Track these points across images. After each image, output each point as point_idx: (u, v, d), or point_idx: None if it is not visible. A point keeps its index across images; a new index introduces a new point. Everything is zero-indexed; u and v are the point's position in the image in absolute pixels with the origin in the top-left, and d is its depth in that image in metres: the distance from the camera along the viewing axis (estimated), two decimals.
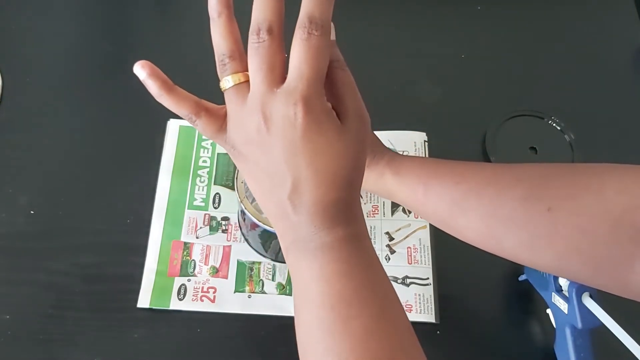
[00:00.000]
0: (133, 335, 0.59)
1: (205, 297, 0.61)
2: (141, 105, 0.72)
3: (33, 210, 0.65)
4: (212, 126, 0.38)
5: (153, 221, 0.65)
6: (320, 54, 0.34)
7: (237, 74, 0.36)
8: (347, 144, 0.35)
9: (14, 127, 0.70)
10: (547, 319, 0.59)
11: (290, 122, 0.34)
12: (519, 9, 0.84)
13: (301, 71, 0.34)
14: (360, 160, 0.37)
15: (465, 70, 0.78)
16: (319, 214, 0.35)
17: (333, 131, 0.35)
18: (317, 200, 0.35)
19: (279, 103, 0.34)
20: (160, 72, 0.37)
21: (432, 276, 0.64)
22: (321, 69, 0.35)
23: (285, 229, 0.37)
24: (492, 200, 0.45)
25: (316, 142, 0.35)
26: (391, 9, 0.82)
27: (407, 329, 0.37)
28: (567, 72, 0.79)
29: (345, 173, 0.36)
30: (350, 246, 0.36)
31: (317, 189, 0.35)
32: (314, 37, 0.33)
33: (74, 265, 0.62)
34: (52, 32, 0.78)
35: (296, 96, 0.34)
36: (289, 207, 0.36)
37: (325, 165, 0.35)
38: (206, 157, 0.69)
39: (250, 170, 0.38)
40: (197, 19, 0.84)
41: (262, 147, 0.35)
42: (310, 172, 0.35)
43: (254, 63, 0.35)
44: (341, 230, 0.36)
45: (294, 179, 0.35)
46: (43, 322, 0.59)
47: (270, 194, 0.37)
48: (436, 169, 0.50)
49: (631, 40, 0.82)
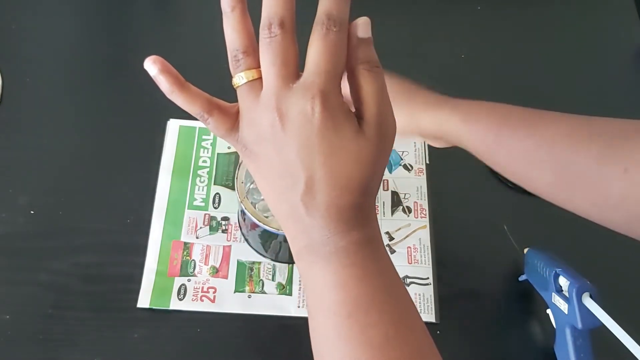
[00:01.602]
0: (133, 336, 0.59)
1: (205, 297, 0.61)
2: (141, 105, 0.73)
3: (33, 210, 0.65)
4: (225, 125, 0.36)
5: (153, 221, 0.65)
6: (338, 49, 0.33)
7: (250, 70, 0.35)
8: (361, 149, 0.34)
9: (14, 127, 0.70)
10: (547, 319, 0.59)
11: (307, 117, 0.33)
12: (519, 9, 0.84)
13: (319, 66, 0.33)
14: (377, 167, 0.36)
15: (465, 70, 0.78)
16: (333, 217, 0.34)
17: (349, 133, 0.34)
18: (331, 203, 0.34)
19: (296, 98, 0.33)
20: (172, 68, 0.36)
21: (432, 276, 0.64)
22: (339, 65, 0.34)
23: (297, 232, 0.36)
24: (566, 156, 0.44)
25: (331, 141, 0.33)
26: (391, 9, 0.82)
27: (424, 333, 0.36)
28: (567, 72, 0.79)
29: (360, 178, 0.34)
30: (366, 251, 0.35)
31: (331, 191, 0.34)
32: (332, 33, 0.33)
33: (74, 265, 0.62)
34: (52, 32, 0.78)
35: (314, 90, 0.33)
36: (302, 208, 0.34)
37: (340, 166, 0.34)
38: (206, 157, 0.69)
39: (262, 170, 0.36)
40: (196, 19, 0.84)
41: (276, 145, 0.34)
42: (325, 172, 0.34)
43: (267, 58, 0.34)
44: (356, 234, 0.35)
45: (308, 178, 0.34)
46: (43, 322, 0.59)
47: (283, 194, 0.35)
48: (508, 117, 0.49)
49: (631, 40, 0.82)
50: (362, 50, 0.35)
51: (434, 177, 0.70)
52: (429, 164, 0.71)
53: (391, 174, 0.70)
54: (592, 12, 0.84)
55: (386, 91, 0.36)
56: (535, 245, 0.62)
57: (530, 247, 0.62)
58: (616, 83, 0.79)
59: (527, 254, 0.62)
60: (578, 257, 0.58)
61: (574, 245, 0.65)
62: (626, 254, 0.66)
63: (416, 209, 0.68)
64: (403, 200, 0.69)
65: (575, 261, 0.57)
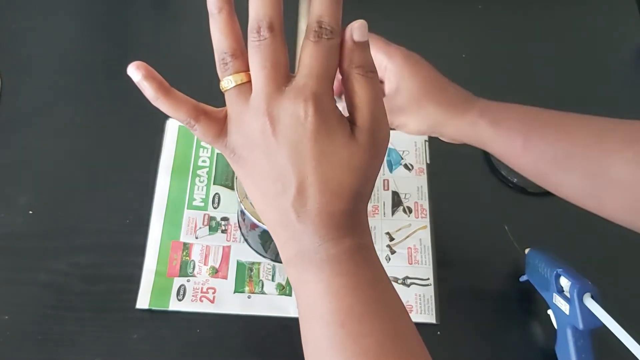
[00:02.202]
0: (132, 336, 0.59)
1: (205, 297, 0.61)
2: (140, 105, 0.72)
3: (32, 210, 0.65)
4: (212, 131, 0.36)
5: (152, 221, 0.65)
6: (330, 54, 0.33)
7: (239, 73, 0.34)
8: (353, 155, 0.33)
9: (14, 127, 0.70)
10: (548, 320, 0.59)
11: (299, 120, 0.32)
12: (519, 9, 0.84)
13: (311, 69, 0.32)
14: (368, 174, 0.35)
15: (465, 70, 0.78)
16: (324, 223, 0.34)
17: (342, 138, 0.33)
18: (322, 209, 0.33)
19: (287, 101, 0.33)
20: (156, 74, 0.35)
21: (433, 276, 0.64)
22: (332, 68, 0.33)
23: (287, 239, 0.35)
24: (598, 161, 0.44)
25: (323, 145, 0.33)
26: (391, 9, 0.82)
27: (419, 342, 0.35)
28: (568, 72, 0.79)
29: (351, 184, 0.34)
30: (358, 258, 0.35)
31: (322, 196, 0.33)
32: (324, 39, 0.33)
33: (73, 266, 0.62)
34: (51, 32, 0.77)
35: (306, 93, 0.32)
36: (293, 214, 0.34)
37: (331, 172, 0.33)
38: (205, 157, 0.69)
39: (251, 175, 0.36)
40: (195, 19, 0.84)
41: (267, 150, 0.34)
42: (316, 177, 0.33)
43: (256, 62, 0.33)
44: (348, 241, 0.34)
45: (299, 183, 0.33)
46: (42, 323, 0.59)
47: (273, 200, 0.35)
48: (537, 120, 0.49)
49: (631, 40, 0.82)
50: (358, 54, 0.34)
51: (434, 177, 0.70)
52: (429, 163, 0.71)
53: (392, 174, 0.70)
54: (592, 12, 0.84)
55: (380, 97, 0.35)
56: (536, 245, 0.62)
57: (531, 247, 0.62)
58: (616, 83, 0.78)
59: (528, 254, 0.62)
60: (579, 257, 0.58)
61: (575, 245, 0.65)
62: (627, 254, 0.66)
63: (417, 209, 0.68)
64: (404, 201, 0.69)
65: (576, 261, 0.57)
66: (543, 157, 0.47)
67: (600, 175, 0.44)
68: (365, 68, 0.34)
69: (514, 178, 0.69)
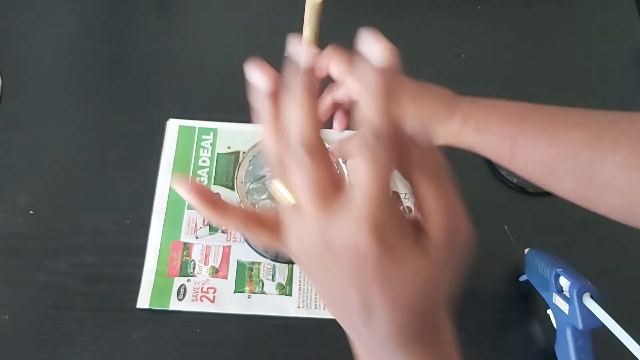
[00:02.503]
0: (133, 336, 0.59)
1: (205, 297, 0.61)
2: (141, 104, 0.72)
3: (32, 210, 0.65)
4: (266, 237, 0.33)
5: (152, 221, 0.65)
6: (386, 167, 0.28)
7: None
8: (427, 277, 0.30)
9: (14, 127, 0.70)
10: (548, 320, 0.59)
11: (360, 252, 0.28)
12: (519, 9, 0.84)
13: (368, 189, 0.28)
14: (439, 284, 0.31)
15: (465, 70, 0.78)
16: (394, 335, 0.31)
17: (411, 263, 0.29)
18: (390, 323, 0.30)
19: (343, 229, 0.29)
20: (201, 188, 0.33)
21: None
22: (388, 182, 0.29)
23: (355, 339, 0.33)
24: (589, 165, 0.43)
25: (389, 272, 0.29)
26: (391, 9, 0.82)
27: None
28: (568, 72, 0.79)
29: (425, 303, 0.31)
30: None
31: (389, 313, 0.30)
32: (378, 150, 0.28)
33: (74, 266, 0.62)
34: (51, 32, 0.77)
35: (364, 222, 0.28)
36: (359, 323, 0.31)
37: (398, 289, 0.30)
38: (206, 157, 0.69)
39: (313, 278, 0.33)
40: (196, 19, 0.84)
41: (325, 267, 0.31)
42: (382, 298, 0.30)
43: (297, 181, 0.30)
44: (420, 354, 0.31)
45: (364, 300, 0.30)
46: (42, 323, 0.59)
47: (338, 305, 0.32)
48: (524, 122, 0.47)
49: (631, 40, 0.82)
50: (423, 156, 0.31)
51: None
52: None
53: None
54: (592, 12, 0.84)
55: (455, 202, 0.32)
56: (536, 245, 0.62)
57: (531, 247, 0.62)
58: (616, 83, 0.79)
59: (527, 254, 0.62)
60: (579, 257, 0.58)
61: (574, 245, 0.65)
62: (627, 254, 0.66)
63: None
64: (404, 201, 0.68)
65: (575, 261, 0.57)
66: (533, 162, 0.47)
67: (592, 179, 0.44)
68: (435, 173, 0.31)
69: (513, 178, 0.69)
